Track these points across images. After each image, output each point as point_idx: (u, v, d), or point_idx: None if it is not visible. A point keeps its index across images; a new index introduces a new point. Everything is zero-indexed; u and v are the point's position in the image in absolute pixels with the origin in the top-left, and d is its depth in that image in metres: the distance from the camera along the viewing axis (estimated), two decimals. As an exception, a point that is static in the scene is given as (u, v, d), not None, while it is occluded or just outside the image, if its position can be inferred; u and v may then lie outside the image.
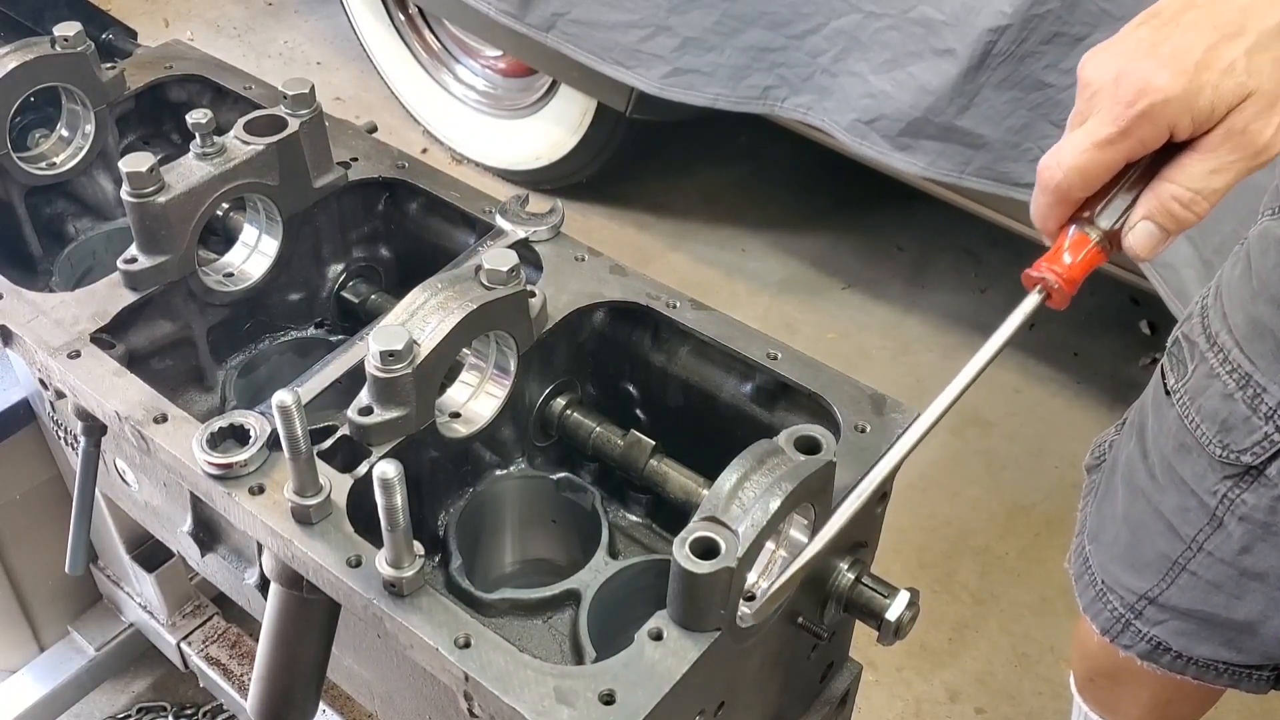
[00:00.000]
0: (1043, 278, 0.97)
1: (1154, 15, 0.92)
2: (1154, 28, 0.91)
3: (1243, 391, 1.27)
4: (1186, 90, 0.88)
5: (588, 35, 2.78)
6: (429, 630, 1.06)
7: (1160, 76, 0.88)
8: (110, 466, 1.59)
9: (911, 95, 2.38)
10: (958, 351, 3.10)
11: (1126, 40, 0.92)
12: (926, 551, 2.69)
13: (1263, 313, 1.25)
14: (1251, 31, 0.88)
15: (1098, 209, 0.95)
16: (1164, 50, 0.89)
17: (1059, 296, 0.97)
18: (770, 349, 1.31)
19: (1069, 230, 0.97)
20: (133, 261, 1.38)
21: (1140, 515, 1.45)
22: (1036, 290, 0.98)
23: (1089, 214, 0.96)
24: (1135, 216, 0.94)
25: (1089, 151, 0.92)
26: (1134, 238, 0.95)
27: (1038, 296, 0.98)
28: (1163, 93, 0.88)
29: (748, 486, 1.02)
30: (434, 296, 1.20)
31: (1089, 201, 0.96)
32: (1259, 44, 0.88)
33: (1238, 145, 0.90)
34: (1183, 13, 0.91)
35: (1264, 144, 0.90)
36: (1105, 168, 0.93)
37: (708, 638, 1.03)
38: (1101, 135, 0.91)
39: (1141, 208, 0.94)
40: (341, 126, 1.62)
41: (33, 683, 2.24)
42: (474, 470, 1.38)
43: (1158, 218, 0.93)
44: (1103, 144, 0.91)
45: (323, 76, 4.03)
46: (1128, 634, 1.51)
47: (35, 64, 1.54)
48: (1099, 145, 0.91)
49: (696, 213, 3.55)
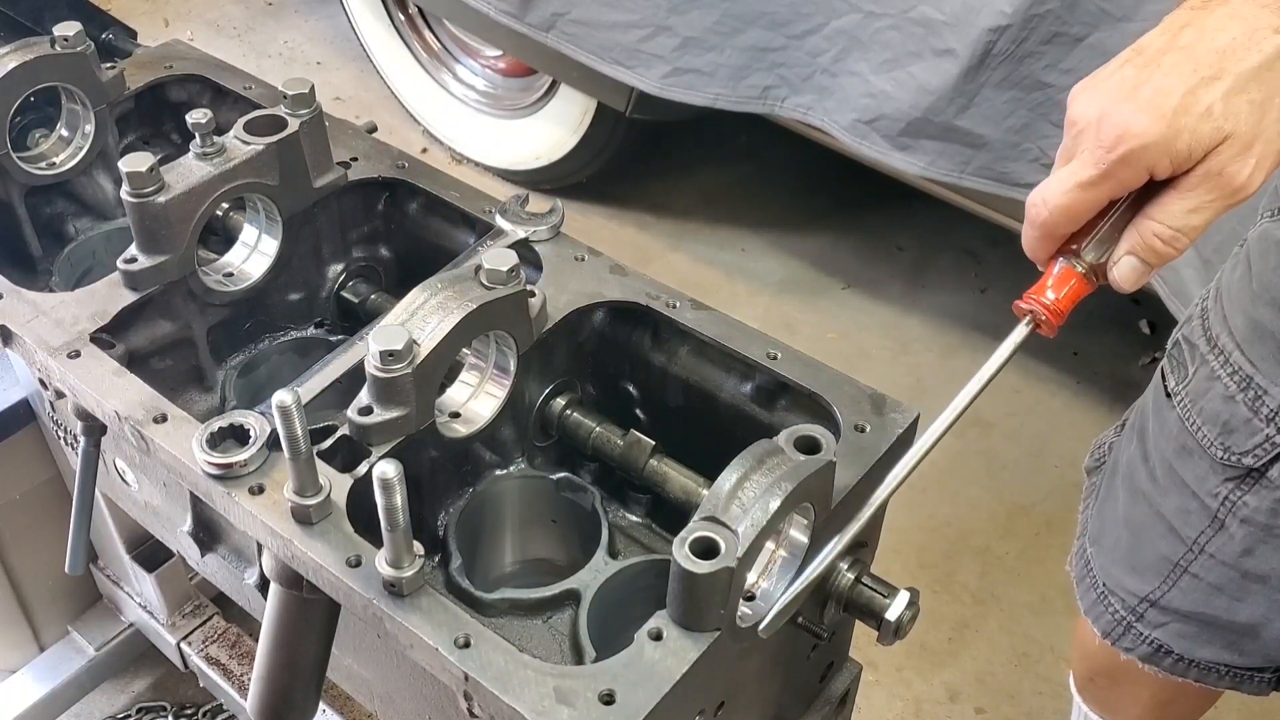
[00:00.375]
0: (1031, 310, 1.01)
1: (1138, 53, 0.95)
2: (1138, 67, 0.94)
3: (1244, 394, 1.27)
4: (1164, 135, 0.91)
5: (588, 35, 2.78)
6: (429, 630, 1.06)
7: (1139, 121, 0.91)
8: (110, 466, 1.59)
9: (911, 95, 2.38)
10: (958, 351, 3.10)
11: (1111, 79, 0.95)
12: (926, 551, 2.69)
13: (1263, 315, 1.25)
14: (1229, 75, 0.91)
15: (1084, 243, 1.00)
16: (1144, 93, 0.92)
17: (1048, 327, 1.02)
18: (770, 349, 1.31)
19: (1057, 262, 1.01)
20: (133, 261, 1.38)
21: (1141, 518, 1.45)
22: (1025, 321, 1.02)
23: (1076, 247, 1.00)
24: (1119, 251, 0.98)
25: (1072, 192, 0.95)
26: (1118, 271, 0.99)
27: (1027, 327, 1.02)
28: (1140, 139, 0.91)
29: (748, 486, 1.02)
30: (434, 296, 1.20)
31: (1076, 235, 1.00)
32: (1235, 87, 0.90)
33: (1215, 186, 0.93)
34: (1164, 53, 0.93)
35: (1240, 184, 0.92)
36: (1088, 206, 0.96)
37: (707, 638, 1.03)
38: (1084, 177, 0.94)
39: (1125, 243, 0.98)
40: (341, 126, 1.62)
41: (33, 683, 2.24)
42: (474, 470, 1.38)
43: (1140, 253, 0.97)
44: (1085, 185, 0.95)
45: (323, 76, 4.03)
46: (1129, 636, 1.51)
47: (35, 64, 1.54)
48: (1081, 186, 0.95)
49: (696, 213, 3.55)
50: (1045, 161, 2.34)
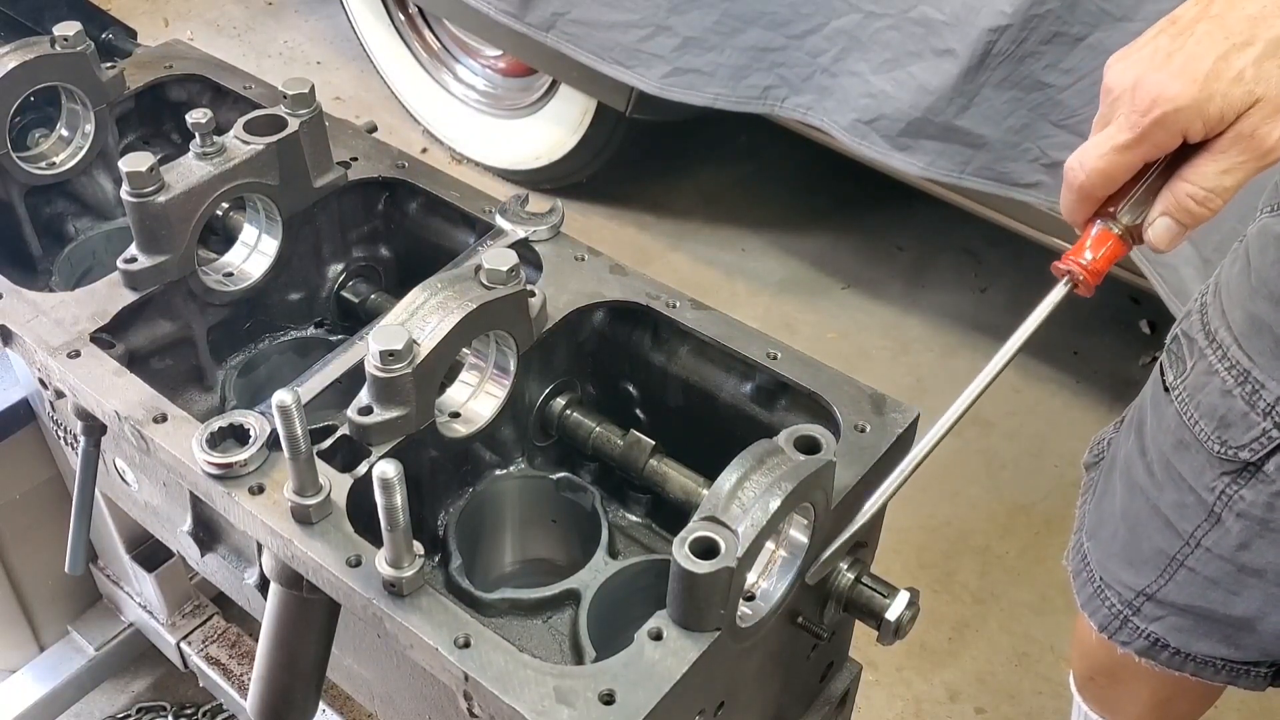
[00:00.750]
0: (1070, 270, 1.05)
1: (1171, 23, 0.99)
2: (1171, 36, 0.98)
3: (1241, 388, 1.27)
4: (1197, 99, 0.95)
5: (588, 35, 2.78)
6: (429, 630, 1.06)
7: (1173, 86, 0.95)
8: (110, 466, 1.59)
9: (911, 95, 2.38)
10: (957, 351, 3.10)
11: (1145, 48, 0.99)
12: (926, 551, 2.69)
13: (1261, 309, 1.25)
14: (1260, 40, 0.94)
15: (1120, 205, 1.03)
16: (1177, 60, 0.96)
17: (1085, 286, 1.05)
18: (770, 349, 1.31)
19: (1094, 225, 1.05)
20: (133, 261, 1.38)
21: (1138, 512, 1.45)
22: (1064, 281, 1.05)
23: (1113, 209, 1.04)
24: (1154, 213, 1.02)
25: (1109, 155, 1.00)
26: (1153, 232, 1.02)
27: (1065, 286, 1.05)
28: (1174, 102, 0.95)
29: (748, 486, 1.02)
30: (434, 296, 1.20)
31: (1113, 198, 1.03)
32: (1266, 52, 0.94)
33: (1247, 147, 0.96)
34: (1196, 22, 0.97)
35: (1271, 145, 0.96)
36: (1124, 169, 1.00)
37: (707, 638, 1.03)
38: (1120, 140, 0.99)
39: (1160, 205, 1.01)
40: (341, 126, 1.62)
41: (33, 683, 2.24)
42: (474, 470, 1.38)
43: (1175, 214, 1.01)
44: (1121, 148, 0.99)
45: (323, 76, 4.03)
46: (1125, 630, 1.51)
47: (35, 64, 1.54)
48: (1118, 149, 0.99)
49: (696, 213, 3.55)
50: (1045, 161, 2.34)
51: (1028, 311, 1.06)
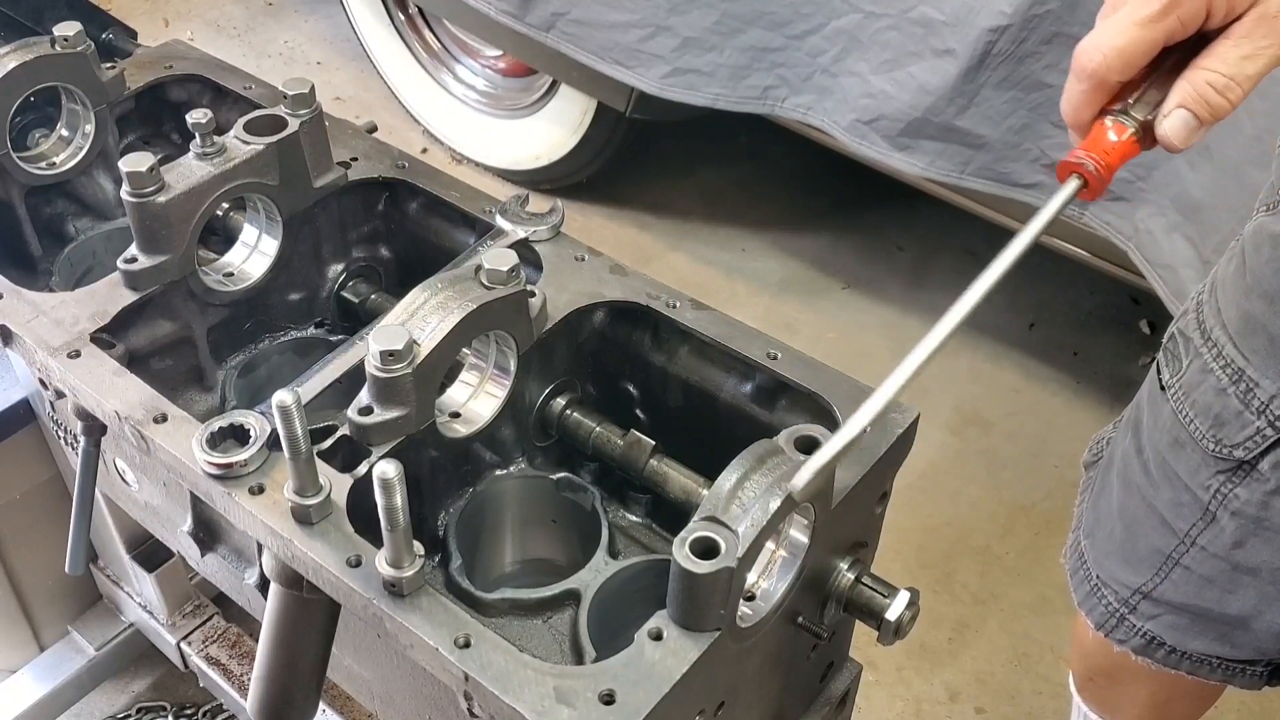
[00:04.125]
0: (1081, 163, 0.95)
1: None
2: None
3: (1235, 386, 1.27)
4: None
5: (588, 35, 2.79)
6: (429, 630, 1.06)
7: None
8: (110, 466, 1.59)
9: (911, 95, 2.38)
10: (957, 352, 3.10)
11: None
12: (926, 551, 2.69)
13: (1255, 308, 1.25)
14: None
15: (1131, 100, 0.95)
16: None
17: (1096, 184, 0.96)
18: (770, 349, 1.31)
19: (1104, 121, 0.96)
20: (133, 261, 1.38)
21: (1134, 510, 1.46)
22: (1074, 178, 0.96)
23: (1122, 106, 0.96)
24: (1170, 104, 0.94)
25: (1129, 30, 0.92)
26: (1169, 125, 0.95)
27: (1075, 183, 0.96)
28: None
29: (748, 486, 1.02)
30: (434, 296, 1.20)
31: (1121, 94, 0.96)
32: None
33: (1270, 30, 0.91)
34: None
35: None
36: (1145, 48, 0.93)
37: (708, 638, 1.03)
38: (1142, 14, 0.91)
39: (1176, 95, 0.94)
40: (341, 126, 1.62)
41: (33, 683, 2.25)
42: (474, 470, 1.38)
43: (1192, 104, 0.93)
44: (1144, 22, 0.92)
45: (323, 76, 4.03)
46: (1122, 629, 1.51)
47: (35, 64, 1.54)
48: (1140, 24, 0.92)
49: (696, 213, 3.55)
50: (1045, 161, 2.34)
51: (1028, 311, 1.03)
